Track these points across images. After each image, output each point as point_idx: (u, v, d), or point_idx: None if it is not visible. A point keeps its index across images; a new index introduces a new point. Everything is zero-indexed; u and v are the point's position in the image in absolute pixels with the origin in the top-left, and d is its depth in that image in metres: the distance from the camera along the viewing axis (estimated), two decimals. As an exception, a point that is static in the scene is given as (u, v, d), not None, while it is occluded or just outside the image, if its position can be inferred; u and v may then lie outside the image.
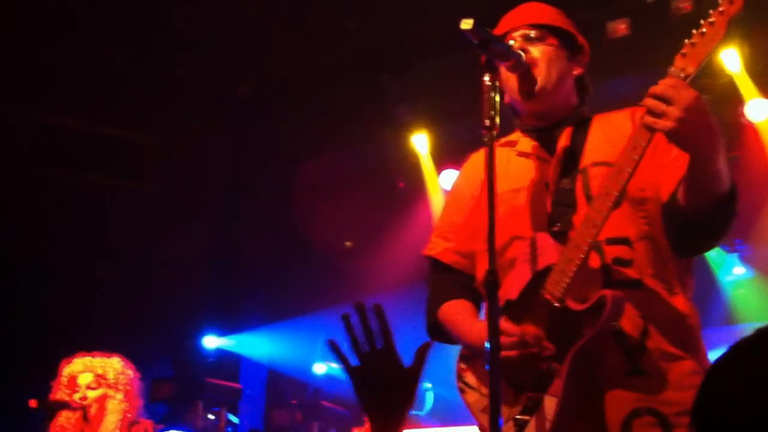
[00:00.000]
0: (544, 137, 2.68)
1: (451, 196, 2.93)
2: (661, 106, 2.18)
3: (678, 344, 2.41)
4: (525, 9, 2.75)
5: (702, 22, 2.26)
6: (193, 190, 7.99)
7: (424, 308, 2.85)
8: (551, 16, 2.72)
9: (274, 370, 8.48)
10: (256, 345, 8.51)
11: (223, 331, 8.22)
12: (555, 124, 2.67)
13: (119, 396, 4.34)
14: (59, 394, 4.26)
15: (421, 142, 7.56)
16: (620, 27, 6.25)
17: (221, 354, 8.12)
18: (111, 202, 7.68)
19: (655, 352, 2.37)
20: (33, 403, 4.10)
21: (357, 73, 7.38)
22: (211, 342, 8.08)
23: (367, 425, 5.02)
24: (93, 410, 4.28)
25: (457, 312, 2.69)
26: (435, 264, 2.82)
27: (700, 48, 2.24)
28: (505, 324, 2.39)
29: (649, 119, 2.21)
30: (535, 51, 2.62)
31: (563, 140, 2.61)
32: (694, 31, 2.26)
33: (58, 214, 7.33)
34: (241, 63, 7.39)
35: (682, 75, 2.22)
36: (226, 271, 8.51)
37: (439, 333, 2.74)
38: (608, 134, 2.60)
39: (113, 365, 4.41)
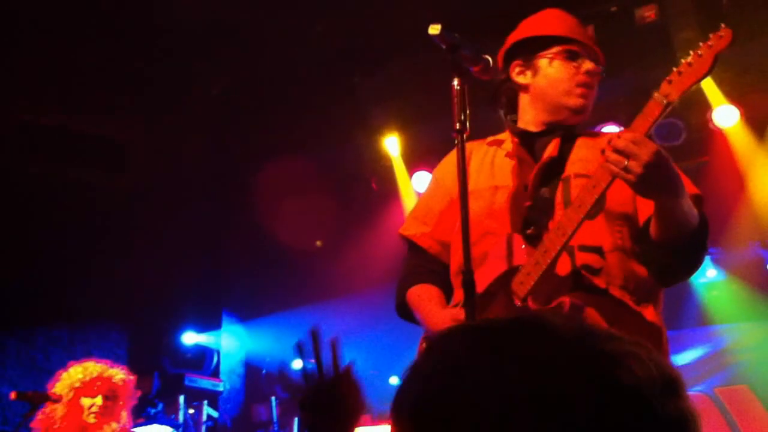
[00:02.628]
0: (533, 142, 2.76)
1: (433, 182, 2.99)
2: (622, 162, 2.24)
3: None
4: (590, 33, 2.94)
5: (690, 52, 2.31)
6: (173, 187, 8.01)
7: (395, 309, 2.91)
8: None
9: (253, 365, 8.55)
10: (235, 341, 8.58)
11: (203, 327, 8.27)
12: (544, 132, 2.76)
13: (113, 402, 4.40)
14: (52, 389, 4.32)
15: (392, 144, 7.58)
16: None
17: (201, 349, 8.16)
18: (92, 199, 7.69)
19: None
20: (13, 395, 4.17)
21: (328, 75, 7.31)
22: (190, 338, 8.14)
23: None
24: (86, 417, 4.33)
25: (423, 296, 2.77)
26: (412, 246, 2.90)
27: (685, 78, 2.29)
28: (459, 314, 2.46)
29: (613, 168, 2.29)
30: (594, 83, 2.75)
31: (551, 149, 2.68)
32: (683, 61, 2.32)
33: (40, 210, 7.34)
34: (215, 63, 7.35)
35: (665, 101, 2.28)
36: (205, 268, 8.54)
37: (406, 313, 2.83)
38: (592, 152, 2.66)
39: (110, 372, 4.48)
